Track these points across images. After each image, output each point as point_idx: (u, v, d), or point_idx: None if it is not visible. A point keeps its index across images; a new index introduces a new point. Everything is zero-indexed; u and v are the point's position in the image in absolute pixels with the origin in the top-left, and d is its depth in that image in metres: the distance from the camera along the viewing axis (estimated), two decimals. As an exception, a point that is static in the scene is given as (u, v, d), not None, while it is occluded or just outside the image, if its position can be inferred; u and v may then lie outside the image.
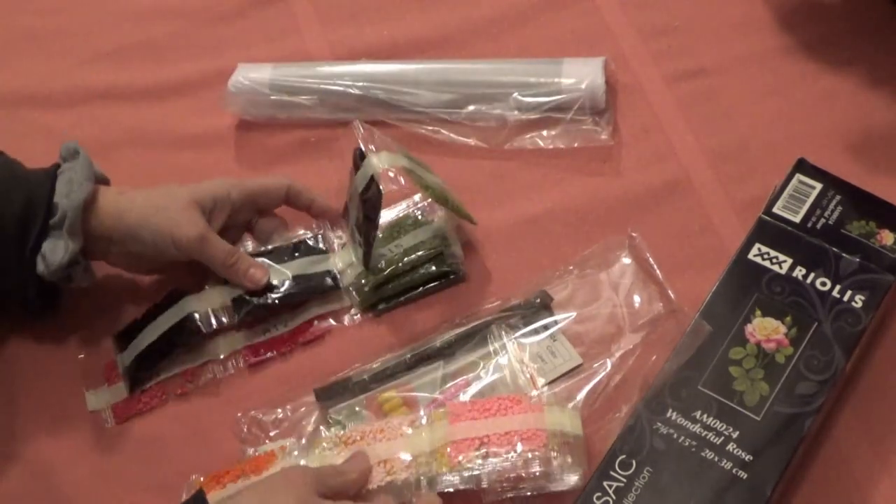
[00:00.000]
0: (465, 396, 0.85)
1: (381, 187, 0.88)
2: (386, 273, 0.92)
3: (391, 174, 0.95)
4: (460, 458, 0.79)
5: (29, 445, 0.89)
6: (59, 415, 0.90)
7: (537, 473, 0.79)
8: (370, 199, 0.88)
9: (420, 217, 0.95)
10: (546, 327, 0.89)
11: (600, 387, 0.85)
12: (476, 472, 0.79)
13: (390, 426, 0.83)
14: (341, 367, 0.89)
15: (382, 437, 0.82)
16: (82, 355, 0.93)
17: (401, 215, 0.96)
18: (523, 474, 0.79)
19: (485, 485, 0.79)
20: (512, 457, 0.79)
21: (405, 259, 0.92)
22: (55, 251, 0.87)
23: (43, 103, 1.09)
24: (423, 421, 0.83)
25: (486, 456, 0.79)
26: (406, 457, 0.81)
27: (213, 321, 0.91)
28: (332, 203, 0.97)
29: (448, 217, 0.94)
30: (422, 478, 0.80)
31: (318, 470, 0.79)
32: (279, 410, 0.87)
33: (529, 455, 0.79)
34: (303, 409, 0.87)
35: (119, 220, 0.89)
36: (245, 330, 0.93)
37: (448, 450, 0.80)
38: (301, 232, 0.96)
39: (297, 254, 0.94)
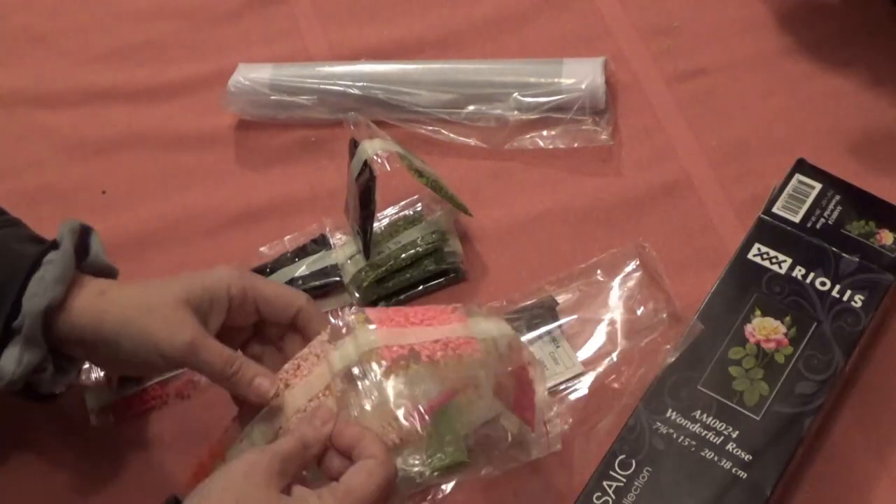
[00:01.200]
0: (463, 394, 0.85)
1: (374, 171, 0.88)
2: (384, 268, 0.92)
3: (387, 167, 0.95)
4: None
5: (27, 444, 0.89)
6: (57, 413, 0.90)
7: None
8: (364, 183, 0.88)
9: (417, 215, 0.95)
10: (550, 333, 0.89)
11: (600, 389, 0.85)
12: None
13: (306, 357, 0.77)
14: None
15: (308, 373, 0.77)
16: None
17: (398, 214, 0.96)
18: None
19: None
20: None
21: (403, 255, 0.92)
22: (7, 361, 0.76)
23: (43, 103, 1.09)
24: (343, 331, 0.77)
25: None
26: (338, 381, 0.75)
27: None
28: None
29: (445, 214, 0.94)
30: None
31: (280, 454, 0.69)
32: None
33: None
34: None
35: (96, 326, 0.77)
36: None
37: (381, 351, 0.75)
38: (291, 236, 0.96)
39: (297, 258, 0.94)
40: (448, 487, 0.81)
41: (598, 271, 0.91)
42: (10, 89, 1.10)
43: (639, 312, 0.88)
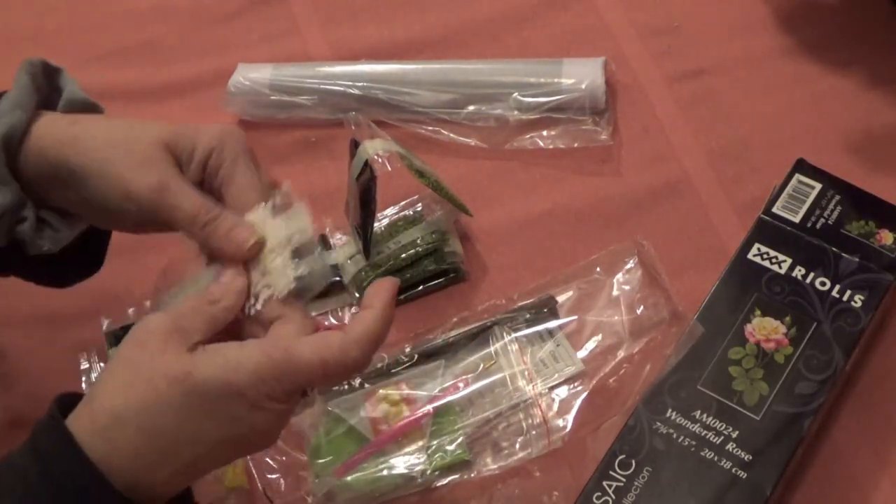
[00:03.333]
0: (464, 392, 0.85)
1: (374, 171, 0.88)
2: (384, 268, 0.92)
3: (387, 167, 0.95)
4: None
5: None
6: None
7: None
8: (364, 183, 0.88)
9: (417, 215, 0.95)
10: (549, 331, 0.89)
11: (600, 388, 0.85)
12: None
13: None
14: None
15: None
16: (82, 353, 0.93)
17: (398, 214, 0.96)
18: None
19: None
20: None
21: (403, 255, 0.92)
22: None
23: (43, 103, 1.09)
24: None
25: None
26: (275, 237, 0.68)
27: None
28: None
29: (445, 215, 0.94)
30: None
31: (174, 319, 0.62)
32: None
33: None
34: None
35: (64, 157, 0.69)
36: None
37: None
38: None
39: (297, 259, 0.94)
40: (449, 486, 0.81)
41: (597, 269, 0.91)
42: (10, 89, 1.10)
43: (638, 311, 0.88)
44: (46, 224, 0.73)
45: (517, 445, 0.83)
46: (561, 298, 0.90)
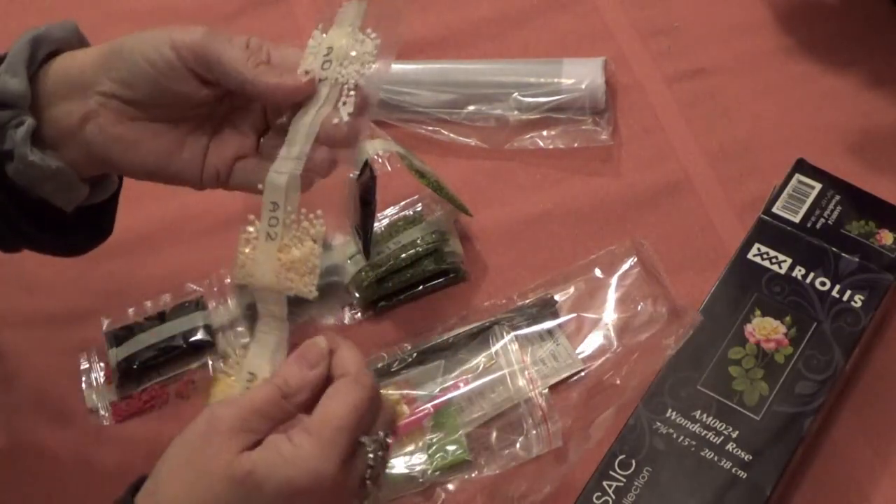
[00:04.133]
0: (464, 391, 0.85)
1: (374, 171, 0.88)
2: (384, 268, 0.92)
3: (387, 167, 0.95)
4: None
5: (26, 443, 0.89)
6: (56, 411, 0.90)
7: None
8: (365, 182, 0.88)
9: (417, 215, 0.95)
10: (549, 330, 0.89)
11: (600, 386, 0.85)
12: None
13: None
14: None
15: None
16: (82, 352, 0.93)
17: (398, 214, 0.96)
18: None
19: None
20: None
21: (403, 255, 0.92)
22: None
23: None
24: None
25: None
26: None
27: (222, 334, 0.92)
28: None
29: (445, 215, 0.94)
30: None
31: (244, 416, 0.61)
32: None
33: None
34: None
35: (103, 48, 0.70)
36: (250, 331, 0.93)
37: None
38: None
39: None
40: (449, 486, 0.81)
41: (597, 269, 0.91)
42: (10, 89, 1.10)
43: (638, 309, 0.88)
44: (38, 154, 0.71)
45: (517, 445, 0.83)
46: (561, 298, 0.90)
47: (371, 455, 0.62)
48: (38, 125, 0.70)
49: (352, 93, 0.69)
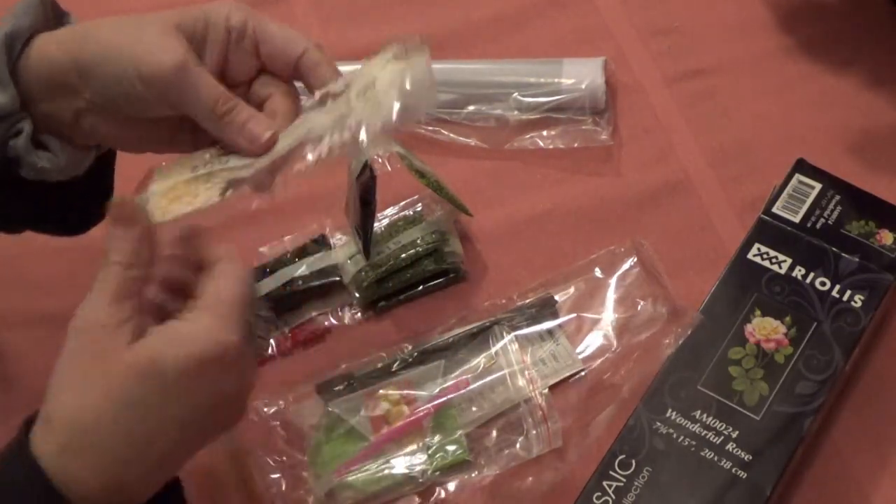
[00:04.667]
0: (464, 392, 0.85)
1: (374, 171, 0.88)
2: (384, 268, 0.92)
3: (387, 167, 0.95)
4: None
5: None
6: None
7: None
8: (365, 182, 0.88)
9: (417, 215, 0.95)
10: (549, 330, 0.89)
11: (600, 386, 0.85)
12: None
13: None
14: (341, 365, 0.89)
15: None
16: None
17: (398, 214, 0.96)
18: None
19: None
20: None
21: (403, 255, 0.92)
22: None
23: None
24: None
25: None
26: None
27: None
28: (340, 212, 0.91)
29: (445, 215, 0.94)
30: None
31: (111, 308, 0.60)
32: (281, 402, 0.87)
33: None
34: (304, 401, 0.87)
35: (74, 52, 0.67)
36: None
37: None
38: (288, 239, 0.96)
39: (297, 259, 0.94)
40: (449, 486, 0.81)
41: (596, 269, 0.91)
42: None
43: (638, 308, 0.88)
44: (43, 147, 0.70)
45: (518, 445, 0.83)
46: (560, 298, 0.90)
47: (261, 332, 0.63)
48: (34, 122, 0.69)
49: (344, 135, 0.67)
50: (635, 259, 0.91)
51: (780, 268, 0.86)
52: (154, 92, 0.66)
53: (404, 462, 0.83)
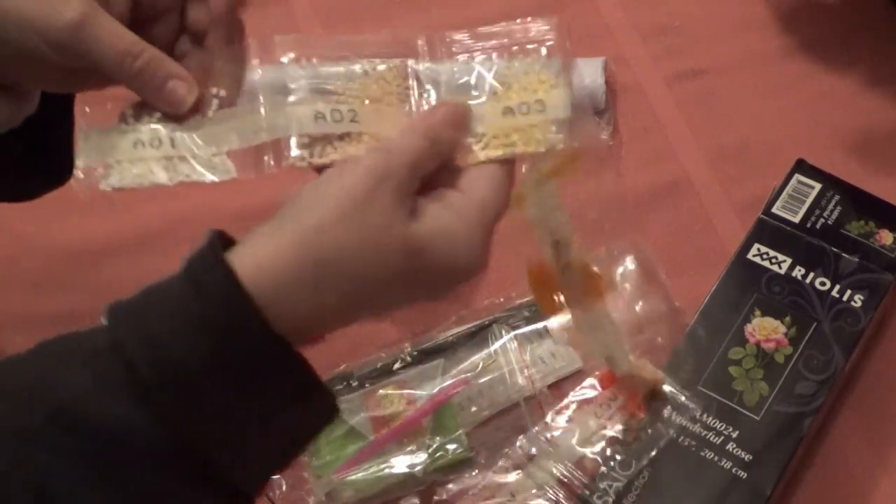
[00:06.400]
0: (463, 391, 0.85)
1: None
2: (384, 270, 0.92)
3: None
4: None
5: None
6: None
7: None
8: None
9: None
10: (548, 329, 0.89)
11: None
12: None
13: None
14: (341, 365, 0.89)
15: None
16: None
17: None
18: None
19: None
20: None
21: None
22: None
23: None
24: None
25: None
26: None
27: None
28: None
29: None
30: None
31: (409, 162, 0.57)
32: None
33: None
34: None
35: None
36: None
37: None
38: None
39: None
40: (450, 485, 0.81)
41: (595, 268, 0.91)
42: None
43: (637, 308, 0.88)
44: None
45: (518, 443, 0.83)
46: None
47: None
48: None
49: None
50: (633, 258, 0.91)
51: (780, 268, 0.86)
52: (57, 52, 0.59)
53: (405, 461, 0.83)
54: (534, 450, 0.82)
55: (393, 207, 0.56)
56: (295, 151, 0.62)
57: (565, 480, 0.79)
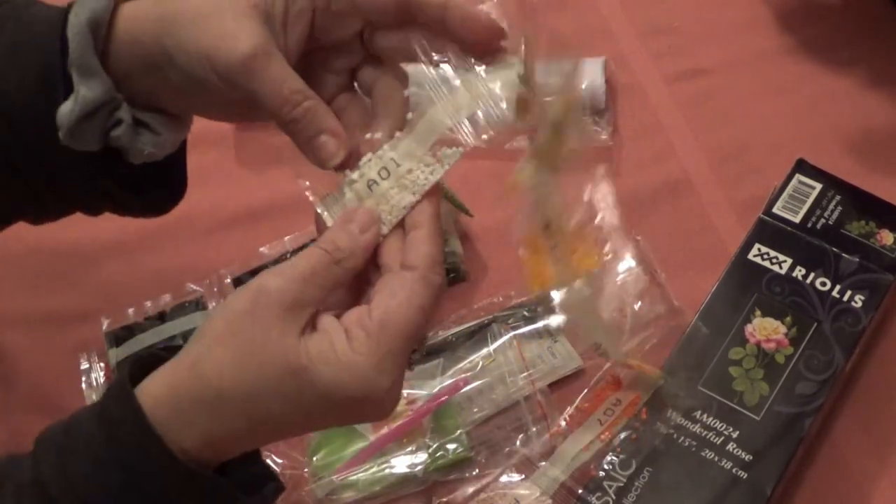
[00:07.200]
0: (463, 390, 0.85)
1: None
2: (385, 270, 0.92)
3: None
4: None
5: (26, 443, 0.89)
6: (56, 411, 0.89)
7: None
8: None
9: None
10: (547, 328, 0.89)
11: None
12: None
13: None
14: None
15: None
16: (82, 353, 0.93)
17: (399, 215, 0.96)
18: None
19: None
20: None
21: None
22: (64, 106, 0.62)
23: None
24: None
25: None
26: None
27: None
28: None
29: (445, 214, 0.94)
30: None
31: (294, 289, 0.56)
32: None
33: None
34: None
35: (152, 36, 0.62)
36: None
37: None
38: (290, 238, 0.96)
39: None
40: (450, 484, 0.81)
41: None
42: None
43: (636, 307, 0.88)
44: (144, 126, 0.66)
45: (518, 442, 0.83)
46: (557, 295, 0.90)
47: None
48: (131, 99, 0.65)
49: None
50: (633, 257, 0.91)
51: (781, 268, 0.86)
52: (229, 85, 0.60)
53: (405, 461, 0.83)
54: (535, 452, 0.82)
55: (275, 323, 0.55)
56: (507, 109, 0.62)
57: (568, 484, 0.79)
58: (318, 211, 0.61)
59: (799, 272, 0.86)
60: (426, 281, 0.57)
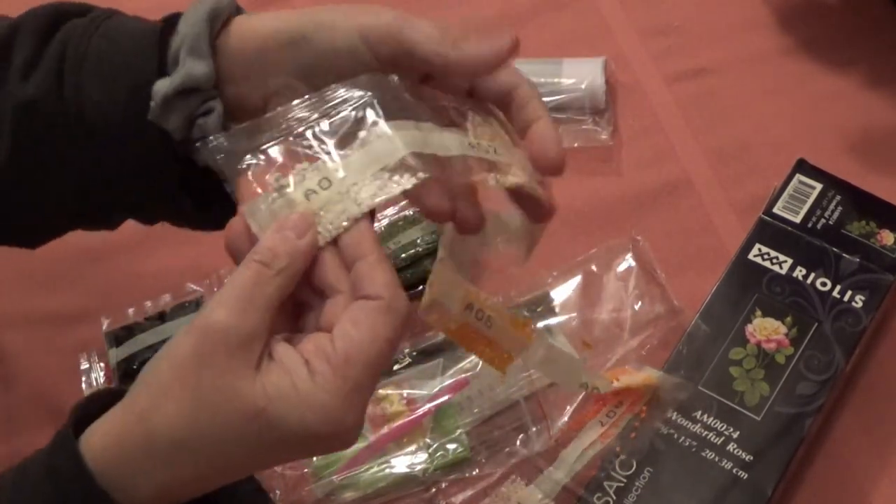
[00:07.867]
0: (464, 394, 0.85)
1: None
2: (384, 269, 0.92)
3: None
4: None
5: (26, 443, 0.89)
6: (57, 411, 0.90)
7: None
8: None
9: (417, 215, 0.95)
10: (547, 328, 0.89)
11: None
12: None
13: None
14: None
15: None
16: (82, 353, 0.93)
17: (398, 214, 0.96)
18: None
19: None
20: None
21: (402, 255, 0.92)
22: (162, 81, 0.64)
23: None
24: None
25: None
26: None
27: None
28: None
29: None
30: None
31: (237, 321, 0.53)
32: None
33: None
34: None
35: (292, 23, 0.64)
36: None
37: None
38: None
39: None
40: (450, 485, 0.81)
41: (593, 266, 0.91)
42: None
43: (636, 307, 0.88)
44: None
45: (518, 442, 0.83)
46: (558, 295, 0.90)
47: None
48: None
49: None
50: (631, 256, 0.91)
51: (781, 268, 0.86)
52: (375, 42, 0.62)
53: (405, 461, 0.83)
54: (536, 453, 0.83)
55: (225, 365, 0.52)
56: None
57: (569, 487, 0.79)
58: (247, 220, 0.57)
59: (799, 272, 0.86)
60: (392, 311, 0.54)
